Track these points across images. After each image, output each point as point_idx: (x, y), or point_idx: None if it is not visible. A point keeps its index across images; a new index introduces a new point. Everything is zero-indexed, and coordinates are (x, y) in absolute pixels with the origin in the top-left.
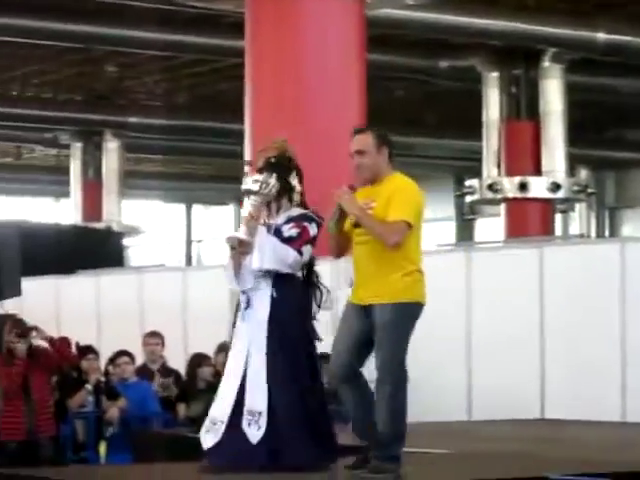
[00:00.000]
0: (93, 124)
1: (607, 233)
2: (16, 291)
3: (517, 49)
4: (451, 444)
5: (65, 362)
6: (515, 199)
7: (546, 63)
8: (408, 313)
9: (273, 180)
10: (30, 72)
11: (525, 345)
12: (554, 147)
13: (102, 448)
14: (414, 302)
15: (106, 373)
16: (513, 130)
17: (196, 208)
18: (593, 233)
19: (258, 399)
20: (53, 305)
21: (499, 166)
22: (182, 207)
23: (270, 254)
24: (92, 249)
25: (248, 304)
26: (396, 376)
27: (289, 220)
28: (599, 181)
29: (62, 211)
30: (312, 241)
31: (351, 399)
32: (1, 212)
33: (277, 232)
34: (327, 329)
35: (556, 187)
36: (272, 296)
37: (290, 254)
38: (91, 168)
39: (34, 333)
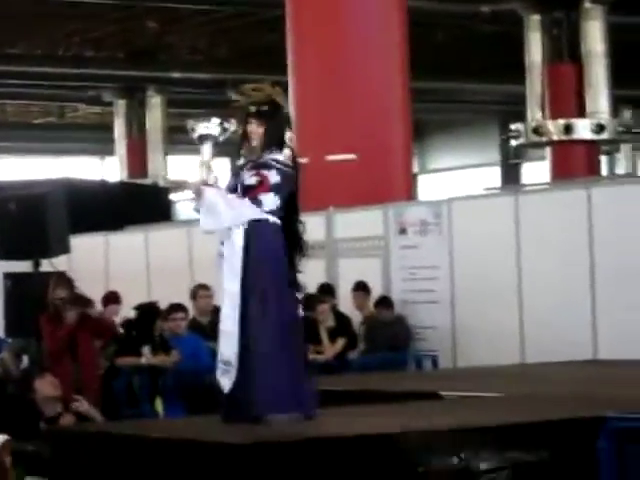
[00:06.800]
0: (136, 80)
1: None
2: (65, 248)
3: None
4: (504, 387)
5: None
6: (560, 142)
7: (587, 4)
8: None
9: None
10: (72, 30)
11: (576, 286)
12: (597, 89)
13: (158, 405)
14: None
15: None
16: (556, 73)
17: None
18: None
19: (229, 349)
20: (102, 261)
21: (543, 109)
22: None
23: (224, 213)
24: (139, 205)
25: (222, 253)
26: None
27: (252, 167)
28: None
29: (107, 169)
30: (276, 189)
31: None
32: (47, 171)
33: (241, 179)
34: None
35: (600, 128)
36: (244, 245)
37: (244, 210)
38: (135, 125)
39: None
